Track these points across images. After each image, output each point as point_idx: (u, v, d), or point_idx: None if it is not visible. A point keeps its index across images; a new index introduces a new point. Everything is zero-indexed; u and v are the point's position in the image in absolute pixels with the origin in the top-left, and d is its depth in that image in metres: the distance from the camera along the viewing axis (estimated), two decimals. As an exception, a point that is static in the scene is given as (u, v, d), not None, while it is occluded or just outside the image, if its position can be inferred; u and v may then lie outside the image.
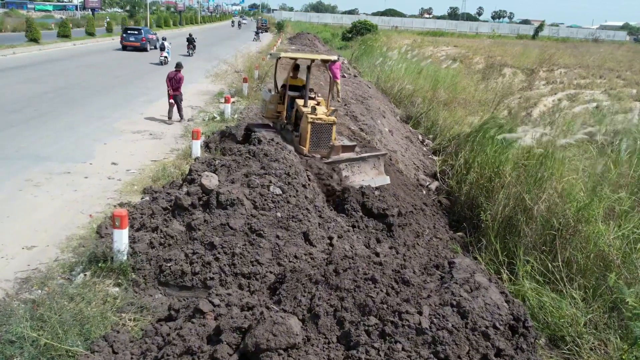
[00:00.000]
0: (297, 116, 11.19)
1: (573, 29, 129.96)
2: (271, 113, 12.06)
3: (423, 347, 4.09)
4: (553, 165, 9.62)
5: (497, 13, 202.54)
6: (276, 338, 4.10)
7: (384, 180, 10.76)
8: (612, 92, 25.24)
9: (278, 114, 11.98)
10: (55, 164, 10.91)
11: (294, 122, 11.26)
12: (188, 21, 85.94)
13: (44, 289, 6.08)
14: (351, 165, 10.47)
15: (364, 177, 10.53)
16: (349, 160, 10.50)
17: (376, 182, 10.53)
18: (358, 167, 10.57)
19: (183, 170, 10.39)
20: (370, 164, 10.75)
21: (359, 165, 10.58)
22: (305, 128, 10.40)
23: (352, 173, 10.45)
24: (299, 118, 10.95)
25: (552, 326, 6.84)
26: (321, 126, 10.40)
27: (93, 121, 14.91)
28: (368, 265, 5.05)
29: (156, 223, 7.12)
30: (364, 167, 10.65)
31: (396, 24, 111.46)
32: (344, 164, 10.39)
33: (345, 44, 54.76)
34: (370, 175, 10.64)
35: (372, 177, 10.61)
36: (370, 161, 10.78)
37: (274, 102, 11.97)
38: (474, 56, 41.36)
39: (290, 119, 11.42)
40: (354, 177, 10.42)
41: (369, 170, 10.69)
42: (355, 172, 10.48)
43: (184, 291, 6.29)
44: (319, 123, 10.35)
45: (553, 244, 8.18)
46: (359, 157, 10.74)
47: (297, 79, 11.93)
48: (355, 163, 10.57)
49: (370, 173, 10.68)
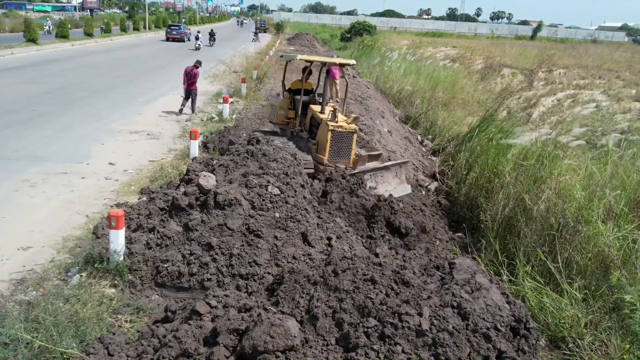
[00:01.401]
0: (312, 123, 10.75)
1: (571, 30, 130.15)
2: (281, 119, 11.48)
3: (423, 349, 4.03)
4: (552, 165, 9.58)
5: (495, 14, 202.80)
6: (274, 340, 4.04)
7: (406, 190, 10.42)
8: (611, 93, 25.18)
9: (289, 120, 11.42)
10: (52, 165, 10.84)
11: (308, 129, 10.81)
12: (187, 22, 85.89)
13: (39, 290, 6.01)
14: (375, 175, 10.07)
15: (387, 186, 10.15)
16: (374, 169, 10.11)
17: (398, 192, 10.21)
18: (381, 177, 10.20)
19: (181, 171, 10.33)
20: (393, 172, 10.38)
21: (382, 175, 10.21)
22: (324, 136, 9.85)
23: (376, 183, 10.04)
24: (315, 125, 10.53)
25: (552, 327, 6.79)
26: (342, 134, 9.90)
27: (91, 121, 14.84)
28: (367, 266, 4.99)
29: (153, 223, 7.05)
30: (387, 176, 10.27)
31: (395, 24, 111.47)
32: (369, 174, 9.99)
33: (344, 45, 54.80)
34: (392, 185, 10.27)
35: (394, 187, 10.25)
36: (393, 170, 10.40)
37: (285, 108, 11.41)
38: (473, 57, 41.31)
39: (304, 125, 10.94)
40: (379, 187, 10.04)
41: (391, 180, 10.30)
42: (379, 182, 10.08)
43: (181, 292, 6.22)
44: (339, 131, 9.85)
45: (553, 244, 8.12)
46: (383, 165, 10.36)
47: (306, 83, 11.47)
48: (379, 172, 10.16)
49: (392, 182, 10.29)
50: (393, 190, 10.12)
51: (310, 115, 10.76)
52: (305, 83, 11.39)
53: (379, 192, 9.90)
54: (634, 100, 23.36)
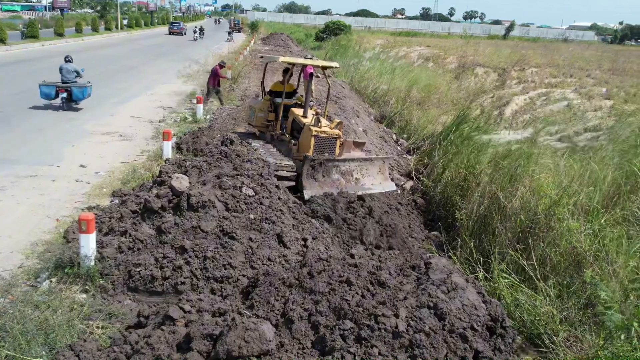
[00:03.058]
0: (294, 127, 10.60)
1: (543, 29, 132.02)
2: (261, 122, 11.28)
3: (400, 351, 3.99)
4: (526, 163, 9.66)
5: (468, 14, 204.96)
6: (248, 345, 3.97)
7: (391, 187, 10.34)
8: (582, 91, 25.59)
9: (269, 122, 11.22)
10: (21, 167, 10.57)
11: (290, 133, 10.64)
12: (160, 22, 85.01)
13: (7, 297, 5.84)
14: (360, 166, 9.97)
15: (373, 181, 10.08)
16: (360, 159, 10.01)
17: (385, 188, 10.19)
18: (366, 170, 10.09)
19: (153, 172, 10.15)
20: (377, 167, 10.29)
21: (367, 168, 10.11)
22: (307, 141, 9.72)
23: (361, 175, 9.96)
24: (296, 129, 10.39)
25: (528, 324, 6.82)
26: (325, 140, 9.80)
27: (62, 123, 14.54)
28: (343, 267, 4.95)
29: (125, 227, 6.92)
30: (372, 169, 10.17)
31: (369, 24, 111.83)
32: (355, 164, 9.87)
33: (319, 45, 54.73)
34: (378, 180, 10.18)
35: (380, 182, 10.18)
36: (377, 164, 10.32)
37: (264, 110, 11.20)
38: (447, 56, 41.63)
39: (285, 129, 10.77)
40: (364, 179, 9.97)
41: (376, 175, 10.20)
42: (364, 175, 10.00)
43: (154, 297, 6.11)
44: (323, 137, 9.74)
45: (527, 241, 8.18)
46: (368, 158, 10.28)
47: (287, 85, 11.33)
48: (364, 164, 10.06)
49: (377, 177, 10.21)
50: (379, 186, 10.09)
51: (292, 119, 10.60)
52: (286, 85, 11.18)
53: (365, 184, 9.86)
54: (604, 98, 23.77)
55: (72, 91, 15.98)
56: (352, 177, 9.72)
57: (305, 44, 57.06)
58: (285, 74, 11.26)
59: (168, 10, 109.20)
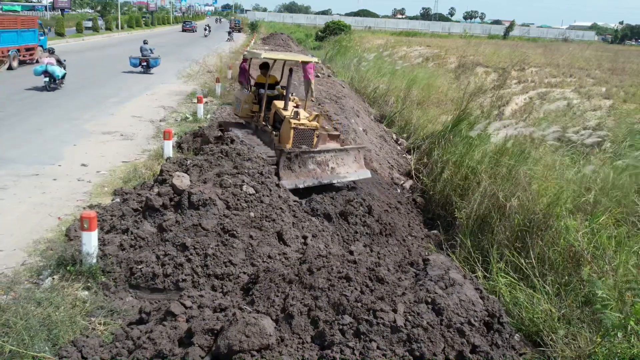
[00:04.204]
0: (276, 118, 10.98)
1: (543, 29, 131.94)
2: (246, 112, 11.83)
3: (398, 345, 4.05)
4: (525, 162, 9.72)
5: (468, 13, 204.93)
6: (249, 339, 4.02)
7: (366, 174, 10.77)
8: (582, 91, 25.63)
9: (253, 113, 11.72)
10: (22, 167, 10.63)
11: (272, 124, 11.03)
12: (160, 22, 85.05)
13: (10, 294, 5.89)
14: (336, 156, 10.35)
15: (348, 169, 10.46)
16: (335, 150, 10.43)
17: (360, 175, 10.60)
18: (342, 159, 10.45)
19: (154, 171, 10.21)
20: (352, 156, 10.68)
21: (343, 157, 10.48)
22: (287, 133, 10.21)
23: (337, 165, 10.33)
24: (278, 121, 10.79)
25: (526, 322, 6.87)
26: (304, 132, 10.28)
27: (62, 123, 14.60)
28: (342, 263, 5.00)
29: (126, 225, 6.98)
30: (347, 159, 10.55)
31: (369, 24, 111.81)
32: (330, 155, 10.26)
33: (319, 44, 54.76)
34: (353, 168, 10.57)
35: (355, 170, 10.57)
36: (352, 153, 10.70)
37: (249, 102, 11.77)
38: (447, 56, 41.67)
39: (268, 120, 11.18)
40: (339, 168, 10.36)
41: (351, 163, 10.59)
42: (340, 164, 10.36)
43: (156, 294, 6.16)
44: (301, 129, 10.22)
45: (525, 240, 8.23)
46: (343, 148, 10.68)
47: (270, 77, 11.71)
48: (340, 154, 10.43)
49: (353, 166, 10.60)
50: (354, 174, 10.51)
51: (274, 111, 11.07)
52: (269, 77, 11.62)
53: (340, 173, 10.30)
54: (604, 98, 23.81)
55: (149, 61, 25.81)
56: (327, 166, 10.15)
57: (306, 44, 57.10)
58: (263, 68, 11.85)
59: (168, 10, 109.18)
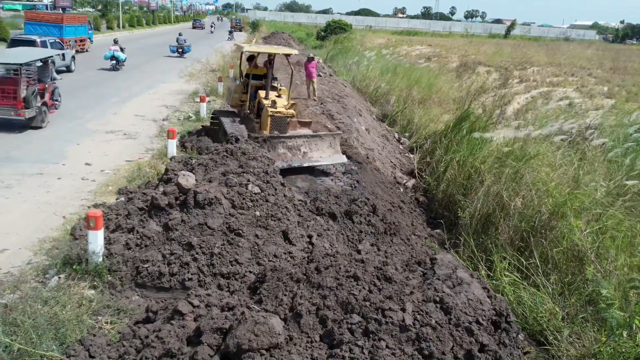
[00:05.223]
0: (259, 107, 11.87)
1: (544, 28, 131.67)
2: (235, 102, 12.79)
3: (407, 344, 4.06)
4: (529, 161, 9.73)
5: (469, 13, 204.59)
6: (258, 338, 4.03)
7: (341, 159, 11.43)
8: (584, 90, 25.63)
9: (242, 102, 12.61)
10: (26, 165, 10.65)
11: (256, 112, 11.91)
12: (161, 21, 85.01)
13: (17, 293, 5.90)
14: (308, 141, 11.12)
15: (322, 154, 11.19)
16: (307, 136, 11.22)
17: (334, 160, 11.30)
18: (315, 145, 11.18)
19: (159, 170, 10.22)
20: (327, 142, 11.35)
21: (316, 143, 11.20)
22: (265, 120, 11.15)
23: (309, 150, 11.10)
24: (261, 109, 11.59)
25: (530, 321, 6.89)
26: (280, 119, 11.13)
27: (64, 122, 14.60)
28: (349, 262, 5.01)
29: (132, 224, 6.98)
30: (321, 145, 11.25)
31: (370, 23, 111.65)
32: (302, 140, 11.07)
33: (320, 44, 54.74)
34: (327, 154, 11.25)
35: (329, 155, 11.25)
36: (327, 140, 11.39)
37: (238, 92, 12.71)
38: (448, 55, 41.67)
39: (253, 108, 12.12)
40: (312, 153, 11.10)
41: (325, 149, 11.27)
42: (313, 149, 11.12)
43: (162, 292, 6.17)
44: (278, 116, 11.10)
45: (529, 239, 8.25)
46: (316, 134, 11.47)
47: (258, 69, 12.73)
48: (313, 140, 11.19)
49: (327, 151, 11.26)
50: (328, 159, 11.24)
51: (258, 100, 11.99)
52: (258, 69, 12.74)
53: (313, 158, 11.05)
54: (606, 97, 23.80)
55: (184, 48, 34.85)
56: (299, 151, 10.97)
57: (307, 43, 57.05)
58: (249, 60, 12.86)
59: (169, 9, 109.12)
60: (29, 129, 13.31)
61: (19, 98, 12.74)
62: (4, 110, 12.82)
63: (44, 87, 14.12)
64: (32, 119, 13.19)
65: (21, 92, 12.77)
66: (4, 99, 12.79)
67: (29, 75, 13.27)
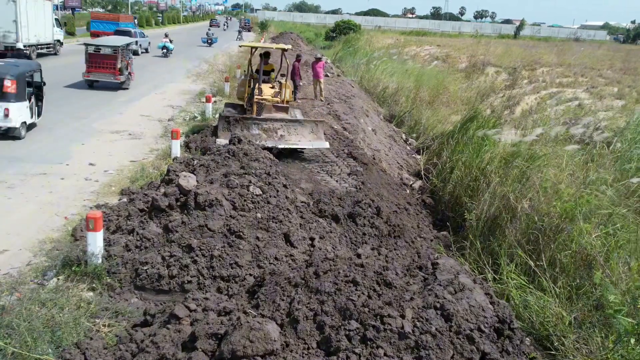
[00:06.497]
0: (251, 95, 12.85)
1: (554, 29, 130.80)
2: (241, 95, 14.05)
3: (405, 352, 3.95)
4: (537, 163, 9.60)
5: (479, 13, 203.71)
6: (253, 344, 3.94)
7: (322, 144, 11.83)
8: (593, 91, 25.36)
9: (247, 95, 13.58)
10: (30, 165, 10.62)
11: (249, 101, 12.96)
12: (170, 21, 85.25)
13: (15, 295, 5.84)
14: (287, 126, 11.78)
15: (301, 138, 11.71)
16: (285, 120, 11.92)
17: (314, 145, 11.74)
18: (295, 129, 11.77)
19: (162, 171, 10.15)
20: (308, 128, 11.89)
21: (296, 128, 11.79)
22: (252, 106, 12.32)
23: (288, 133, 11.71)
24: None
25: (537, 326, 6.75)
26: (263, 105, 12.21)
27: (70, 121, 14.60)
28: (349, 267, 4.90)
29: (132, 225, 6.92)
30: (302, 130, 11.81)
31: (379, 23, 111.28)
32: (280, 124, 11.77)
33: (329, 44, 54.61)
34: (308, 139, 11.74)
35: (309, 140, 11.73)
36: (308, 126, 11.94)
37: (244, 86, 13.94)
38: (457, 55, 41.43)
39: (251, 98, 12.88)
40: (290, 137, 11.68)
41: (307, 134, 11.78)
42: (291, 133, 11.72)
43: (161, 295, 6.10)
44: (262, 103, 12.23)
45: (537, 242, 8.11)
46: (295, 119, 12.05)
47: (267, 65, 14.12)
48: (292, 125, 11.82)
49: (307, 137, 11.76)
50: (308, 144, 11.73)
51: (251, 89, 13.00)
52: (267, 65, 14.17)
53: (291, 141, 11.61)
54: (616, 98, 23.53)
55: (212, 40, 44.57)
56: (275, 133, 11.66)
57: (315, 43, 56.95)
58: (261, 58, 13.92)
59: (178, 9, 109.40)
60: (120, 89, 20.01)
61: (117, 68, 19.85)
62: (107, 76, 19.87)
63: (128, 62, 21.16)
64: (123, 82, 20.21)
65: (118, 64, 19.88)
66: (108, 69, 19.80)
67: (122, 53, 20.27)
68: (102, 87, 20.11)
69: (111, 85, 20.10)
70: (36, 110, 13.43)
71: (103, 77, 19.80)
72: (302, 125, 11.86)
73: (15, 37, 25.70)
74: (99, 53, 19.84)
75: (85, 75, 19.88)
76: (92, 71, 19.77)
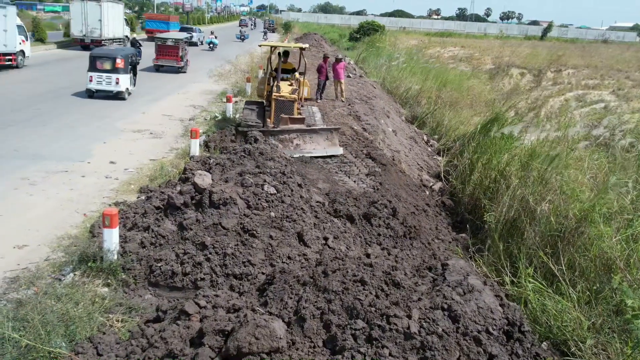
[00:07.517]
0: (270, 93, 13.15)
1: (582, 30, 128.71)
2: (261, 92, 14.55)
3: (411, 353, 3.92)
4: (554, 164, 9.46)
5: (505, 14, 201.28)
6: (259, 342, 3.95)
7: (336, 151, 11.94)
8: (620, 93, 24.92)
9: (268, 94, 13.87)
10: (52, 163, 10.81)
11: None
12: (195, 22, 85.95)
13: (32, 289, 5.95)
14: (302, 135, 11.92)
15: (316, 146, 11.88)
16: (300, 130, 11.99)
17: (328, 152, 11.83)
18: (310, 138, 11.92)
19: (180, 170, 10.23)
20: (323, 136, 12.02)
21: (311, 137, 11.94)
22: (270, 105, 12.56)
23: (303, 142, 11.88)
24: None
25: (554, 330, 6.64)
26: (283, 102, 12.45)
27: (94, 120, 14.83)
28: (358, 266, 4.88)
29: (148, 222, 6.99)
30: (317, 138, 11.96)
31: (404, 24, 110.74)
32: (296, 134, 11.89)
33: (353, 45, 54.51)
34: (322, 146, 11.91)
35: (324, 148, 11.89)
36: (323, 134, 12.06)
37: (264, 84, 14.39)
38: (482, 57, 41.06)
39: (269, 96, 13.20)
40: (305, 145, 11.85)
41: (321, 142, 11.95)
42: (307, 142, 11.89)
43: (175, 292, 6.15)
44: (281, 100, 12.46)
45: (556, 245, 7.98)
46: (310, 128, 12.22)
47: (286, 64, 14.60)
48: (307, 134, 11.95)
49: (322, 144, 11.94)
50: (322, 151, 11.84)
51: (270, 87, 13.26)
52: (286, 64, 14.65)
53: (306, 149, 11.76)
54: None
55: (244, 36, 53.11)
56: (291, 143, 11.78)
57: (339, 44, 56.90)
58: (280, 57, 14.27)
59: (204, 10, 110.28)
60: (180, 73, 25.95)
61: (178, 56, 25.72)
62: (171, 62, 25.88)
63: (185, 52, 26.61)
64: (181, 67, 26.15)
65: (179, 53, 25.69)
66: (172, 56, 25.82)
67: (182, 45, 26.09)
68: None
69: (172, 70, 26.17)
70: (133, 80, 19.10)
71: (167, 62, 25.82)
72: (317, 134, 12.05)
73: (99, 32, 33.17)
74: (165, 44, 25.88)
75: (154, 61, 26.04)
76: (160, 58, 25.88)
